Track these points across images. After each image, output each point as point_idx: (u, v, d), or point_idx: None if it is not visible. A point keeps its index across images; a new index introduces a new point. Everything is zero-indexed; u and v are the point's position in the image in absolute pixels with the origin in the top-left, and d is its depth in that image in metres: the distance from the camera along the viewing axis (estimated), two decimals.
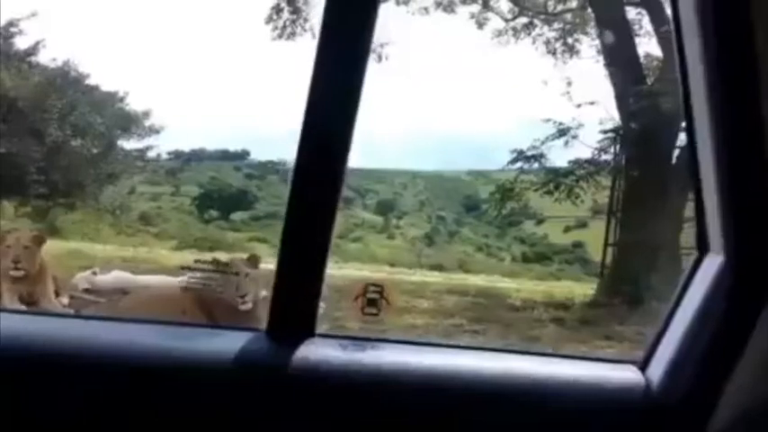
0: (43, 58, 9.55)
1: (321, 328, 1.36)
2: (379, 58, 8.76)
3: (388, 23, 8.22)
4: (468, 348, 1.44)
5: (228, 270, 4.77)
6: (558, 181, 8.04)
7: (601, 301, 6.86)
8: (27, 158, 9.17)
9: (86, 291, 5.90)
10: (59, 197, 9.83)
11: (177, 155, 12.95)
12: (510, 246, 13.67)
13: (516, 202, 8.84)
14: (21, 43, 9.52)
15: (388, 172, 13.61)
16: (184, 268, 4.02)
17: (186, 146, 12.84)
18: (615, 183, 8.15)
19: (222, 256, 5.25)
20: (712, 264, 1.26)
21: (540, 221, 13.70)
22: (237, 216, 12.53)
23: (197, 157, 12.99)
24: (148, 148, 10.67)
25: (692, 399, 1.22)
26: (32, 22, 9.41)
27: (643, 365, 1.33)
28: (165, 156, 12.78)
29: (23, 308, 5.15)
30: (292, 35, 8.49)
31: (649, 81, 7.83)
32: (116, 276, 6.06)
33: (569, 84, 8.35)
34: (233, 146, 13.02)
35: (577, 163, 8.09)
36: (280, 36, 8.45)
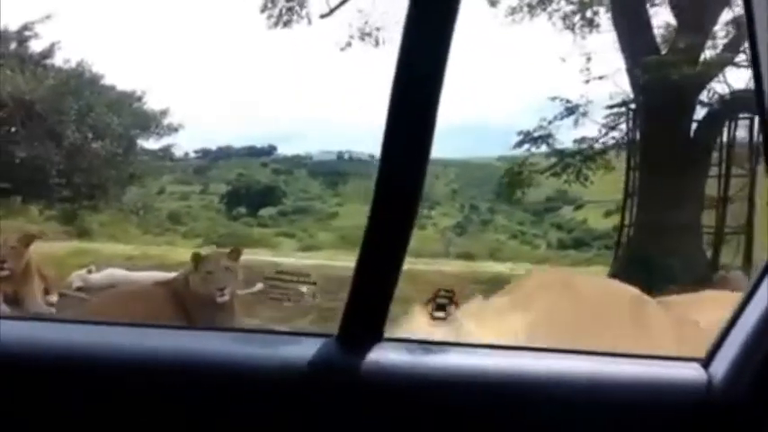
0: (57, 60, 9.64)
1: None
2: (376, 42, 8.54)
3: (390, 5, 7.99)
4: (530, 350, 1.42)
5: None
6: (566, 162, 7.66)
7: None
8: (48, 162, 9.27)
9: (79, 289, 5.86)
10: (83, 199, 9.91)
11: (205, 153, 13.02)
12: (547, 232, 13.26)
13: (527, 187, 8.45)
14: (35, 46, 9.64)
15: None
16: None
17: (213, 144, 12.88)
18: (630, 161, 7.70)
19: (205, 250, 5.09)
20: None
21: (578, 206, 13.26)
22: (265, 212, 12.49)
23: (224, 154, 13.02)
24: (170, 146, 10.67)
25: (757, 397, 1.21)
26: (46, 24, 9.51)
27: (706, 363, 1.29)
28: (192, 154, 12.86)
29: (5, 308, 5.14)
30: (288, 23, 8.33)
31: (663, 51, 7.35)
32: (109, 274, 6.01)
33: (588, 59, 7.92)
34: (259, 142, 12.99)
35: (585, 142, 7.69)
36: (275, 24, 8.30)
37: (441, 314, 1.45)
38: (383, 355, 1.26)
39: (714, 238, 7.16)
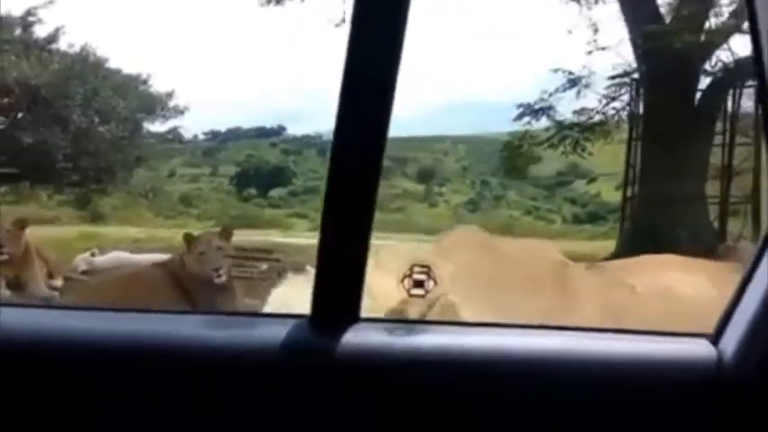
0: (62, 44, 9.60)
1: None
2: None
3: None
4: (521, 327, 1.38)
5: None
6: (564, 134, 7.54)
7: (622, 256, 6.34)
8: (54, 147, 9.26)
9: (85, 272, 5.87)
10: (91, 183, 9.91)
11: (214, 135, 12.97)
12: (561, 207, 13.10)
13: (529, 161, 8.34)
14: (40, 31, 9.60)
15: (427, 138, 13.21)
16: None
17: (222, 125, 12.83)
18: (632, 131, 7.57)
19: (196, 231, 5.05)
20: None
21: (591, 180, 13.08)
22: (276, 193, 12.45)
23: (233, 135, 12.97)
24: (177, 128, 10.63)
25: (767, 372, 1.18)
26: (50, 9, 9.46)
27: (715, 338, 1.26)
28: (201, 136, 12.83)
29: (8, 293, 5.13)
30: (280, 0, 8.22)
31: (667, 20, 7.17)
32: (114, 256, 6.02)
33: (596, 31, 7.74)
34: (268, 122, 12.91)
35: (584, 113, 7.56)
36: (268, 2, 8.19)
37: (419, 291, 1.38)
38: (359, 336, 1.21)
39: (720, 207, 7.04)
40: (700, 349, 1.24)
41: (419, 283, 1.41)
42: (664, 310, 2.15)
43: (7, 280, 5.17)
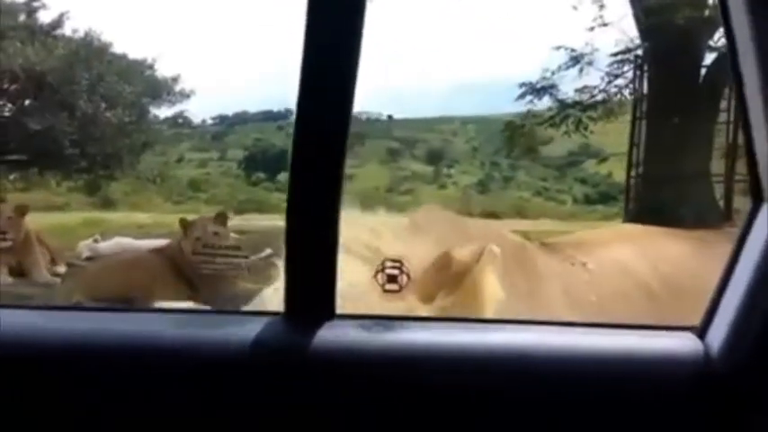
0: (66, 30, 9.59)
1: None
2: None
3: None
4: (500, 322, 1.34)
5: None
6: (567, 112, 7.43)
7: None
8: (62, 133, 9.28)
9: (89, 259, 5.89)
10: (99, 169, 9.94)
11: (222, 119, 12.97)
12: (571, 188, 12.98)
13: (528, 140, 8.24)
14: (44, 17, 9.59)
15: (435, 119, 13.13)
16: None
17: (229, 110, 12.82)
18: (636, 110, 7.45)
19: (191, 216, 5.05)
20: None
21: (602, 160, 12.94)
22: (284, 176, 12.44)
23: (240, 119, 12.96)
24: (184, 112, 10.63)
25: (756, 365, 1.13)
26: None
27: (701, 332, 1.22)
28: (209, 121, 12.83)
29: (11, 280, 5.16)
30: None
31: None
32: (117, 242, 6.01)
33: (602, 7, 7.60)
34: (275, 106, 12.88)
35: (586, 91, 7.44)
36: None
37: (393, 286, 1.35)
38: (333, 333, 1.18)
39: (725, 186, 6.94)
40: (686, 343, 1.20)
41: (392, 278, 1.36)
42: (613, 287, 2.12)
43: (10, 268, 5.20)
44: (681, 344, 1.20)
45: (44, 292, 4.87)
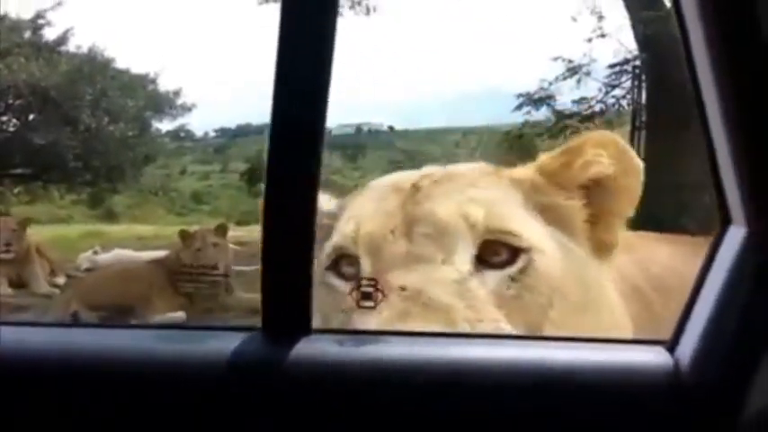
0: (70, 46, 9.73)
1: None
2: (367, 10, 8.39)
3: None
4: (476, 337, 1.36)
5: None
6: (564, 123, 7.47)
7: None
8: (65, 147, 9.39)
9: (88, 270, 5.96)
10: (102, 182, 10.06)
11: (224, 131, 13.09)
12: None
13: (529, 151, 8.28)
14: (49, 34, 9.74)
15: (438, 131, 13.20)
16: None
17: (232, 122, 12.94)
18: (635, 120, 7.48)
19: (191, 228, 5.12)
20: (736, 235, 1.19)
21: None
22: None
23: (243, 132, 13.07)
24: (186, 125, 10.74)
25: (725, 380, 1.16)
26: (58, 12, 9.59)
27: (671, 346, 1.23)
28: (212, 133, 12.94)
29: (11, 291, 5.25)
30: None
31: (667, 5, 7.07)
32: (116, 254, 6.08)
33: (600, 18, 7.68)
34: None
35: (584, 102, 7.49)
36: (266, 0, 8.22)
37: (368, 303, 1.39)
38: (308, 348, 1.20)
39: None
40: (655, 357, 1.22)
41: (367, 296, 1.41)
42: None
43: (10, 279, 5.29)
44: (651, 357, 1.22)
45: (43, 302, 4.95)
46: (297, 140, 1.14)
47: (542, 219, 1.49)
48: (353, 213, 1.55)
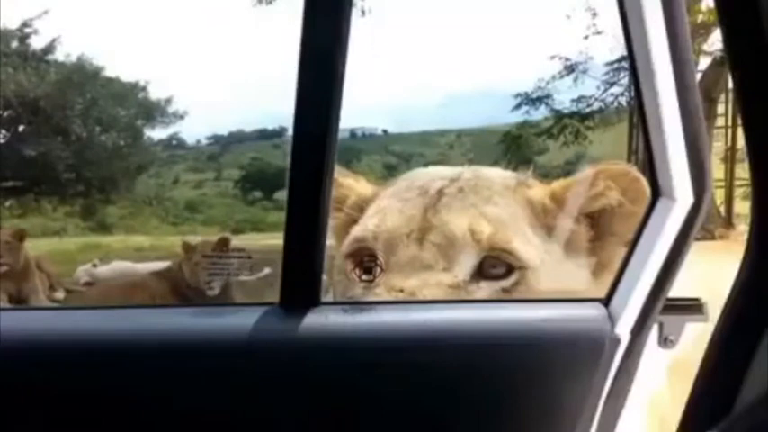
0: (59, 55, 9.56)
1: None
2: (362, 12, 8.33)
3: None
4: (451, 302, 1.54)
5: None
6: (564, 123, 7.43)
7: None
8: (57, 158, 9.24)
9: (87, 284, 5.83)
10: (95, 193, 9.90)
11: (217, 139, 12.93)
12: None
13: (525, 151, 8.24)
14: (36, 43, 9.57)
15: (431, 133, 13.10)
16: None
17: (224, 129, 12.79)
18: (633, 118, 7.46)
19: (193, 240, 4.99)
20: (665, 207, 1.36)
21: None
22: (281, 195, 12.36)
23: (236, 139, 12.91)
24: (177, 133, 10.60)
25: (643, 325, 1.42)
26: (45, 20, 9.43)
27: (606, 302, 1.47)
28: (204, 141, 12.79)
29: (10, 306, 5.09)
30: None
31: None
32: (115, 267, 5.96)
33: (594, 15, 7.63)
34: (270, 124, 12.85)
35: (582, 101, 7.44)
36: (259, 1, 8.11)
37: (369, 276, 1.62)
38: (320, 317, 1.39)
39: (725, 191, 6.91)
40: (593, 312, 1.45)
41: (368, 270, 1.62)
42: None
43: (9, 294, 5.13)
44: (590, 312, 1.45)
45: None
46: (313, 149, 1.30)
47: (547, 236, 1.66)
48: (381, 207, 1.72)
